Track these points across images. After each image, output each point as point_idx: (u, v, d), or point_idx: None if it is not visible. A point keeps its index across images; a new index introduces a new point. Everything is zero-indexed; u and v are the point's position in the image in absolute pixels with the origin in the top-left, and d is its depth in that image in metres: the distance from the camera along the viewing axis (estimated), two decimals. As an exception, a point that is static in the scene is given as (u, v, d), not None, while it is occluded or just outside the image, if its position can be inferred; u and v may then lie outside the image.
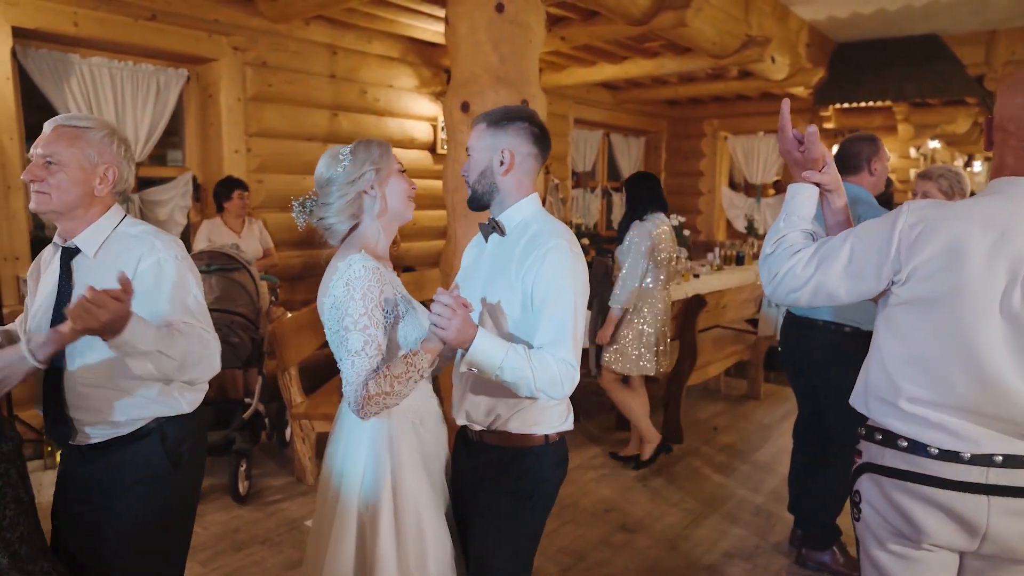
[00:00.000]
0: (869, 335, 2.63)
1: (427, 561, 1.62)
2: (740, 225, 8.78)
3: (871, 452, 1.55)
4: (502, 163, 1.64)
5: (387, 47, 5.46)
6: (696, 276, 5.66)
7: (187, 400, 1.74)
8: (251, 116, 4.68)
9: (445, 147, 5.93)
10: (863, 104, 7.08)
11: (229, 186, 4.26)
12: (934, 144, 7.98)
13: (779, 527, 3.25)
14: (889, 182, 7.18)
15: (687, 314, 4.27)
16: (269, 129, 4.78)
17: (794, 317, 2.88)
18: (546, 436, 1.68)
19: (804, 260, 1.58)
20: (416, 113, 5.76)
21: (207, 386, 1.81)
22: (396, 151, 6.19)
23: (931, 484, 1.44)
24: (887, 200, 6.44)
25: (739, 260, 6.84)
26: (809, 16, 6.35)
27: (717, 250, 6.94)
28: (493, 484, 1.67)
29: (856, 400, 1.62)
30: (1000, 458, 1.39)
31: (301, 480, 3.63)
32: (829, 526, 2.90)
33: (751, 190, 8.96)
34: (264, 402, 3.71)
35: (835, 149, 2.95)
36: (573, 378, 1.55)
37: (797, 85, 6.78)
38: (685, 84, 7.35)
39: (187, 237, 4.68)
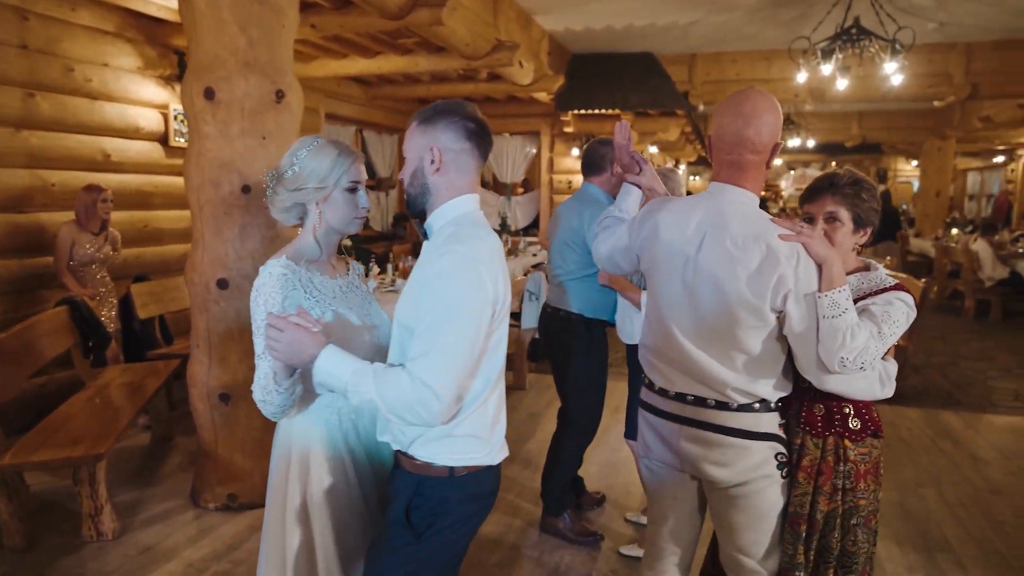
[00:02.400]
0: (603, 323, 3.02)
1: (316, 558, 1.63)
2: (493, 222, 9.14)
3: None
4: (432, 161, 1.50)
5: (97, 18, 4.64)
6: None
7: None
8: (-94, 91, 3.66)
9: (179, 138, 5.25)
10: (597, 111, 7.78)
11: None
12: (653, 149, 9.07)
13: (556, 511, 3.40)
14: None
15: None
16: (-65, 108, 3.79)
17: (548, 307, 3.16)
18: (451, 468, 1.50)
19: (602, 238, 2.04)
20: (141, 98, 5.00)
21: None
22: (118, 143, 5.34)
23: (650, 412, 1.90)
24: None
25: (496, 256, 7.10)
26: (549, 26, 6.79)
27: (475, 247, 7.12)
28: (394, 509, 1.55)
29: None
30: (691, 398, 1.79)
31: (12, 548, 2.92)
32: (561, 493, 3.14)
33: (502, 188, 9.37)
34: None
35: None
36: (430, 405, 1.36)
37: (541, 91, 7.21)
38: (437, 84, 7.41)
39: None
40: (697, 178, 18.50)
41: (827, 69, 5.13)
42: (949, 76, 7.17)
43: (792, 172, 20.37)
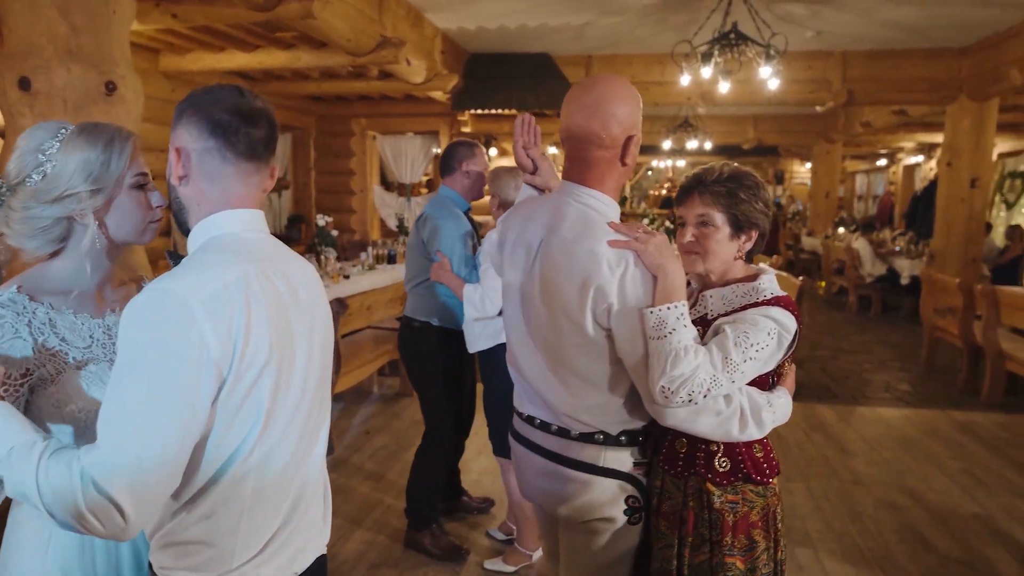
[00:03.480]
0: (452, 332, 2.92)
1: None
2: (392, 224, 8.92)
3: None
4: (175, 168, 1.14)
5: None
6: (347, 277, 5.52)
7: None
8: None
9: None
10: (494, 111, 7.71)
11: None
12: (552, 150, 9.09)
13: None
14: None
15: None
16: None
17: (401, 318, 3.08)
18: None
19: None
20: (-21, 89, 4.54)
21: None
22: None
23: (511, 433, 1.73)
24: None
25: (391, 258, 6.89)
26: (442, 24, 6.66)
27: (370, 249, 6.90)
28: None
29: None
30: (538, 421, 1.61)
31: None
32: (424, 508, 3.02)
33: (403, 189, 9.17)
34: None
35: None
36: (109, 518, 0.93)
37: (436, 89, 7.07)
38: (328, 80, 7.16)
39: None
40: (607, 179, 18.75)
41: (707, 72, 5.23)
42: (828, 82, 7.49)
43: (698, 173, 21.02)
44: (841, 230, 11.12)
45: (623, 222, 1.54)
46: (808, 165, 15.69)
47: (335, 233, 6.48)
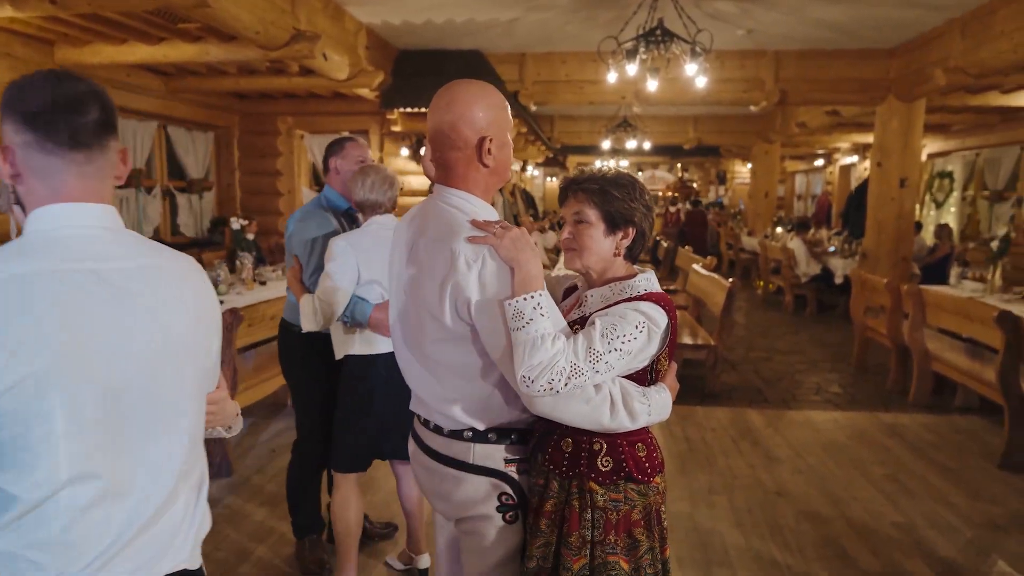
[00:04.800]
0: (318, 336, 2.65)
1: None
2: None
3: None
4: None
5: None
6: (263, 283, 5.21)
7: None
8: None
9: None
10: (424, 109, 7.46)
11: None
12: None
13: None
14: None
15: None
16: None
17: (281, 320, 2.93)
18: None
19: None
20: None
21: None
22: None
23: (411, 435, 1.74)
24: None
25: (316, 264, 6.59)
26: (365, 19, 6.38)
27: (294, 254, 6.57)
28: None
29: None
30: (422, 418, 1.65)
31: None
32: (298, 516, 2.93)
33: (334, 191, 8.84)
34: None
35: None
36: None
37: (362, 87, 6.79)
38: (247, 76, 6.80)
39: None
40: (553, 179, 18.69)
41: (632, 69, 5.09)
42: (762, 82, 7.46)
43: (641, 173, 21.13)
44: (779, 230, 11.22)
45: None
46: (750, 165, 15.88)
47: (251, 237, 6.14)
